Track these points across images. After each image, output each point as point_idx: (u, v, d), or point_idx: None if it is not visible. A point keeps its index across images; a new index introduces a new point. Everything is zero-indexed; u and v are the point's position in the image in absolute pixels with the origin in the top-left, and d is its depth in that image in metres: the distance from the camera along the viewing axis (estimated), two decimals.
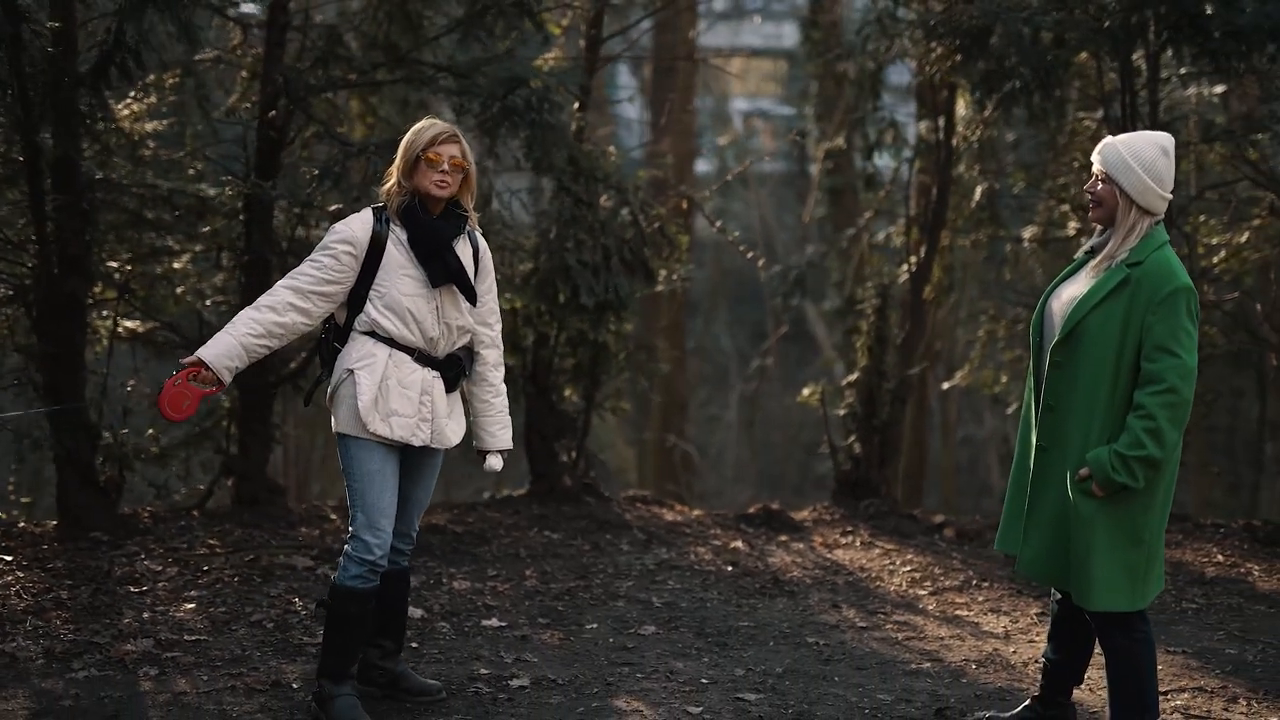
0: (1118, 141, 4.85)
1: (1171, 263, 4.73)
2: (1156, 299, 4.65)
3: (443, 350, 5.32)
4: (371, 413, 5.16)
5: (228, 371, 5.10)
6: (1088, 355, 4.76)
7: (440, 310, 5.26)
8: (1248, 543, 8.96)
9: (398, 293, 5.19)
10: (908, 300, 10.50)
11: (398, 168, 5.26)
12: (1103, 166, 4.84)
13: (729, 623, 6.99)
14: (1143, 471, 4.64)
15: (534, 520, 8.89)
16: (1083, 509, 4.77)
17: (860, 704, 5.73)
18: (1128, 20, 8.23)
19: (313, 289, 5.20)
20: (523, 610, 7.08)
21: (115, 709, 5.39)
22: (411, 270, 5.22)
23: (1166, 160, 4.79)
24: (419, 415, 5.24)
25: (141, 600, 6.84)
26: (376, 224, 5.23)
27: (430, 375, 5.27)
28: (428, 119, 5.41)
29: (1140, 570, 4.77)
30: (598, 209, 8.17)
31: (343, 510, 9.04)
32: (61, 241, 7.83)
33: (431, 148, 5.19)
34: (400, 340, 5.22)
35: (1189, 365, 4.63)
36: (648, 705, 5.64)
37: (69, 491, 8.06)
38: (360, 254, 5.20)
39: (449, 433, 5.36)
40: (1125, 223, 4.80)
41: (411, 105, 10.28)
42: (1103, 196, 4.85)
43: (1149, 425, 4.61)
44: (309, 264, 5.24)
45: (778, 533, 9.22)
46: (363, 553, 5.24)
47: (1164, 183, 4.78)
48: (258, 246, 8.28)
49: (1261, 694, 5.97)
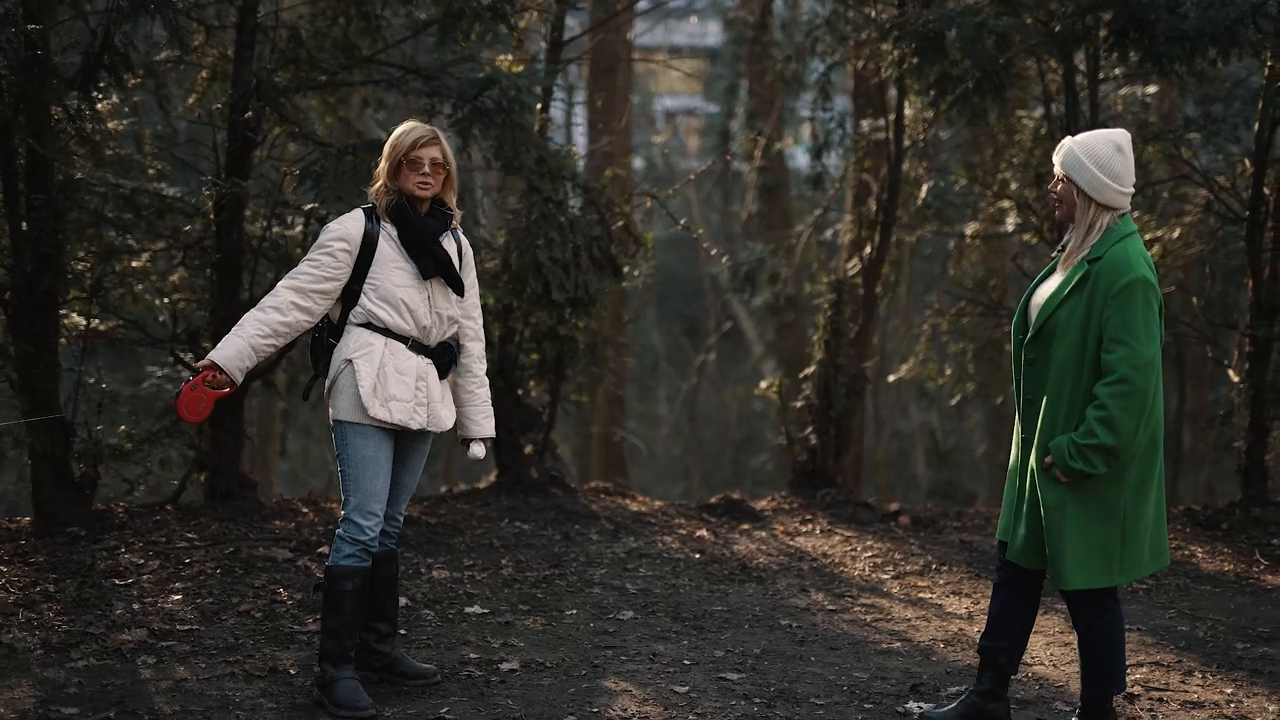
0: (1074, 142, 5.03)
1: (1130, 255, 4.88)
2: (1113, 291, 4.82)
3: (435, 339, 5.59)
4: (372, 398, 5.41)
5: (239, 372, 5.39)
6: (1056, 350, 4.95)
7: (431, 300, 5.54)
8: (1189, 526, 9.34)
9: (391, 284, 5.45)
10: (858, 295, 10.78)
11: (384, 169, 5.53)
12: (1061, 167, 5.03)
13: (703, 607, 7.23)
14: (1099, 459, 4.83)
15: (504, 511, 9.09)
16: (1050, 495, 4.98)
17: (838, 682, 5.98)
18: (1075, 25, 8.55)
19: (313, 287, 5.44)
20: (503, 598, 7.28)
21: (120, 696, 5.53)
22: (403, 264, 5.49)
23: (1122, 157, 4.96)
24: (415, 400, 5.50)
25: (128, 592, 6.97)
26: (368, 222, 5.51)
27: (424, 362, 5.54)
28: (409, 123, 5.64)
29: (1115, 548, 4.96)
30: (566, 207, 8.38)
31: (312, 504, 9.20)
32: (35, 241, 7.92)
33: (413, 151, 5.47)
34: (395, 329, 5.48)
35: (1144, 355, 4.78)
36: (635, 685, 5.86)
37: (44, 487, 8.14)
38: (354, 250, 5.47)
39: (443, 417, 5.64)
40: (1085, 219, 5.00)
41: (371, 105, 10.41)
42: (1063, 195, 5.05)
43: (1102, 415, 4.80)
44: (307, 264, 5.48)
45: (740, 521, 9.49)
46: (355, 534, 5.45)
47: (1120, 179, 4.96)
48: (231, 246, 8.39)
49: (1214, 667, 6.29)
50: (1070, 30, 8.51)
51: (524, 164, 8.09)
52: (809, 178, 12.29)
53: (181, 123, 10.94)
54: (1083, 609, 5.11)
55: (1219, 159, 11.49)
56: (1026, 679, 6.06)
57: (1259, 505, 9.52)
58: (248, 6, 8.49)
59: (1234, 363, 10.57)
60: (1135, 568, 5.04)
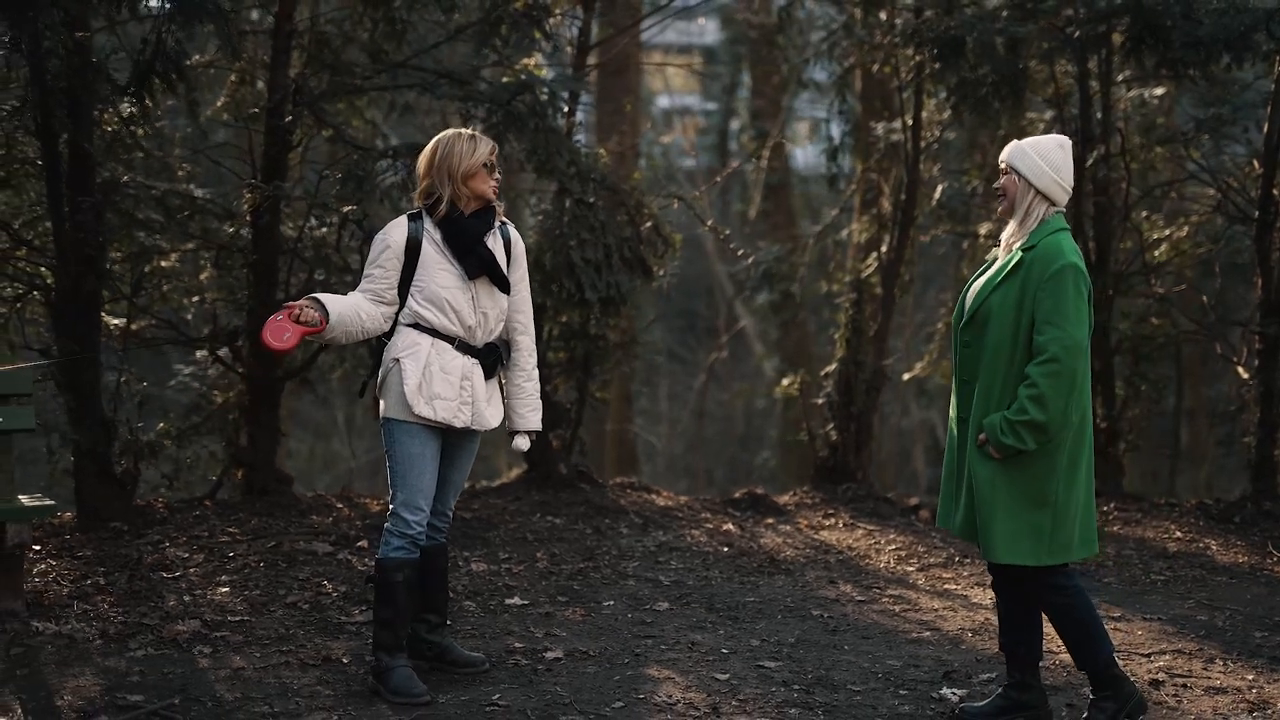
0: (1021, 140, 5.31)
1: (1062, 245, 5.11)
2: (1045, 277, 5.03)
3: (481, 339, 5.76)
4: (417, 396, 5.59)
5: (336, 315, 5.52)
6: (990, 333, 5.15)
7: (476, 300, 5.70)
8: (1202, 520, 9.55)
9: (436, 286, 5.64)
10: (875, 294, 11.00)
11: (442, 175, 5.67)
12: (1006, 158, 5.28)
13: (736, 598, 7.44)
14: (1030, 435, 5.02)
15: (535, 506, 9.30)
16: (982, 471, 5.17)
17: (873, 669, 6.19)
18: (1093, 31, 8.77)
19: (374, 297, 5.70)
20: (541, 589, 7.48)
21: (182, 684, 5.72)
22: (447, 265, 5.66)
23: (1063, 153, 5.21)
24: (460, 399, 5.67)
25: (177, 585, 7.17)
26: (411, 226, 5.70)
27: (470, 362, 5.71)
28: (455, 130, 5.81)
29: (1045, 530, 5.14)
30: (598, 209, 8.58)
31: (346, 500, 9.40)
32: (79, 242, 8.11)
33: (491, 157, 5.70)
34: (441, 330, 5.66)
35: (1074, 337, 4.99)
36: (678, 673, 6.06)
37: (87, 483, 8.34)
38: (401, 256, 5.67)
39: (488, 416, 5.80)
40: (1023, 205, 5.20)
41: (397, 109, 10.60)
42: (1006, 187, 5.27)
43: (1033, 393, 5.00)
44: (366, 279, 5.73)
45: (764, 516, 9.70)
46: (402, 528, 5.65)
47: (1061, 172, 5.19)
48: (268, 247, 8.60)
49: (1235, 655, 6.50)
50: (1089, 36, 8.72)
51: (557, 167, 8.30)
52: (827, 177, 12.48)
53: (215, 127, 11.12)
54: (1040, 593, 5.27)
55: (1225, 160, 11.71)
56: (1054, 666, 6.25)
57: (1269, 499, 9.74)
58: (284, 12, 8.68)
59: (1243, 360, 10.79)
60: (1065, 551, 5.19)
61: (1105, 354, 10.48)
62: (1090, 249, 10.46)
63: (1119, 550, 8.74)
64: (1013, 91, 8.99)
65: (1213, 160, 11.56)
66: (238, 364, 9.10)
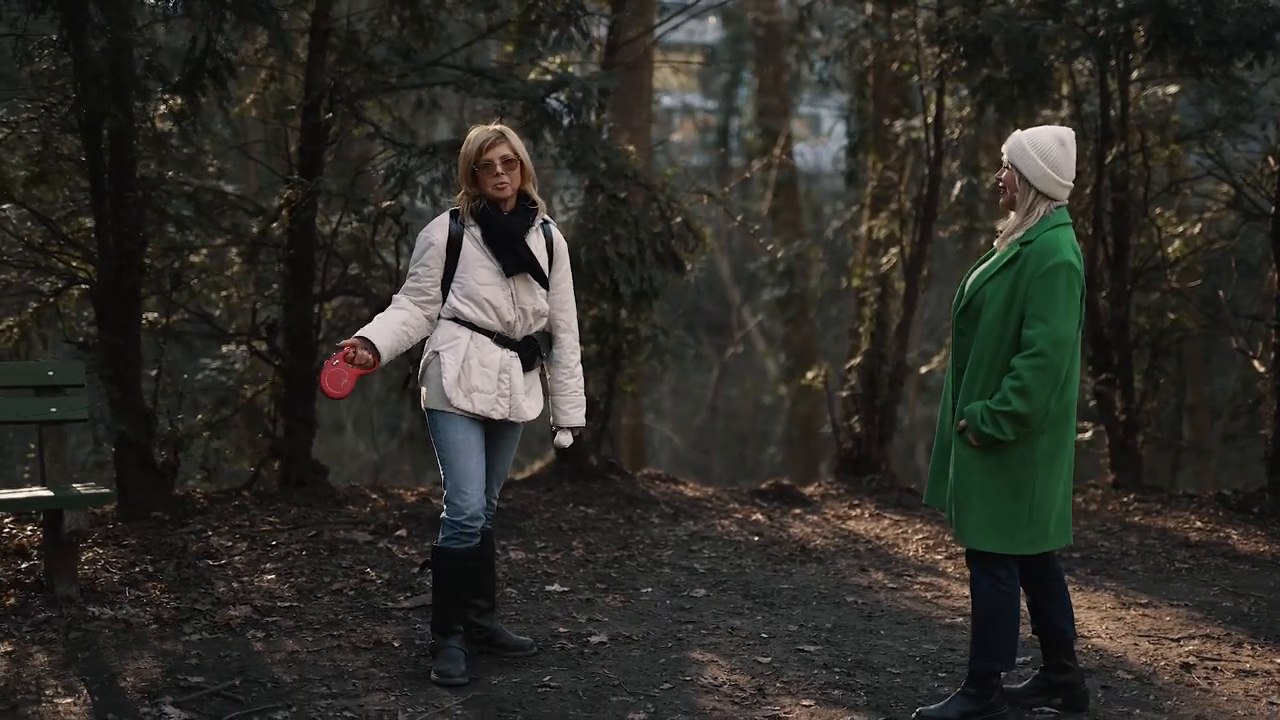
0: (1021, 134, 5.35)
1: (1059, 241, 5.18)
2: (1039, 272, 5.12)
3: (520, 333, 5.86)
4: (455, 389, 5.74)
5: (386, 350, 5.69)
6: (982, 322, 5.23)
7: (515, 297, 5.80)
8: (1221, 510, 9.74)
9: (475, 283, 5.76)
10: (896, 289, 11.16)
11: (462, 176, 5.81)
12: (1007, 155, 5.36)
13: (770, 585, 7.60)
14: (1009, 426, 5.12)
15: (567, 496, 9.46)
16: (962, 455, 5.29)
17: (910, 653, 6.35)
18: (1115, 30, 8.93)
19: (419, 294, 5.85)
20: (579, 577, 7.64)
21: (240, 666, 5.88)
22: (487, 263, 5.77)
23: (1063, 150, 5.25)
24: (498, 391, 5.80)
25: (224, 572, 7.33)
26: (453, 225, 5.82)
27: (508, 355, 5.81)
28: (477, 128, 5.86)
29: (1021, 520, 5.24)
30: (631, 205, 8.74)
31: (380, 490, 9.57)
32: (122, 237, 8.26)
33: (482, 156, 5.69)
34: (480, 324, 5.79)
35: (1062, 332, 5.10)
36: (720, 656, 6.22)
37: (128, 474, 8.49)
38: (443, 254, 5.81)
39: (525, 408, 5.91)
40: (1024, 205, 5.27)
41: (425, 105, 10.74)
42: (1008, 182, 5.35)
43: (1016, 385, 5.10)
44: (411, 278, 5.87)
45: (791, 506, 9.87)
46: (454, 514, 5.80)
47: (1061, 170, 5.25)
48: (305, 242, 8.76)
49: (1262, 639, 6.66)
50: (1112, 34, 8.89)
51: (591, 163, 8.45)
52: (845, 174, 12.65)
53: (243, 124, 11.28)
54: (978, 575, 5.38)
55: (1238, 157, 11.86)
56: (1087, 650, 6.41)
57: None
58: (320, 11, 8.83)
59: (1259, 354, 10.96)
60: (1041, 541, 5.31)
61: (1124, 348, 10.64)
62: (1109, 244, 10.63)
63: (1142, 540, 8.90)
64: (1039, 89, 9.16)
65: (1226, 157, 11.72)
66: (275, 357, 9.25)
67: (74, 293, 8.94)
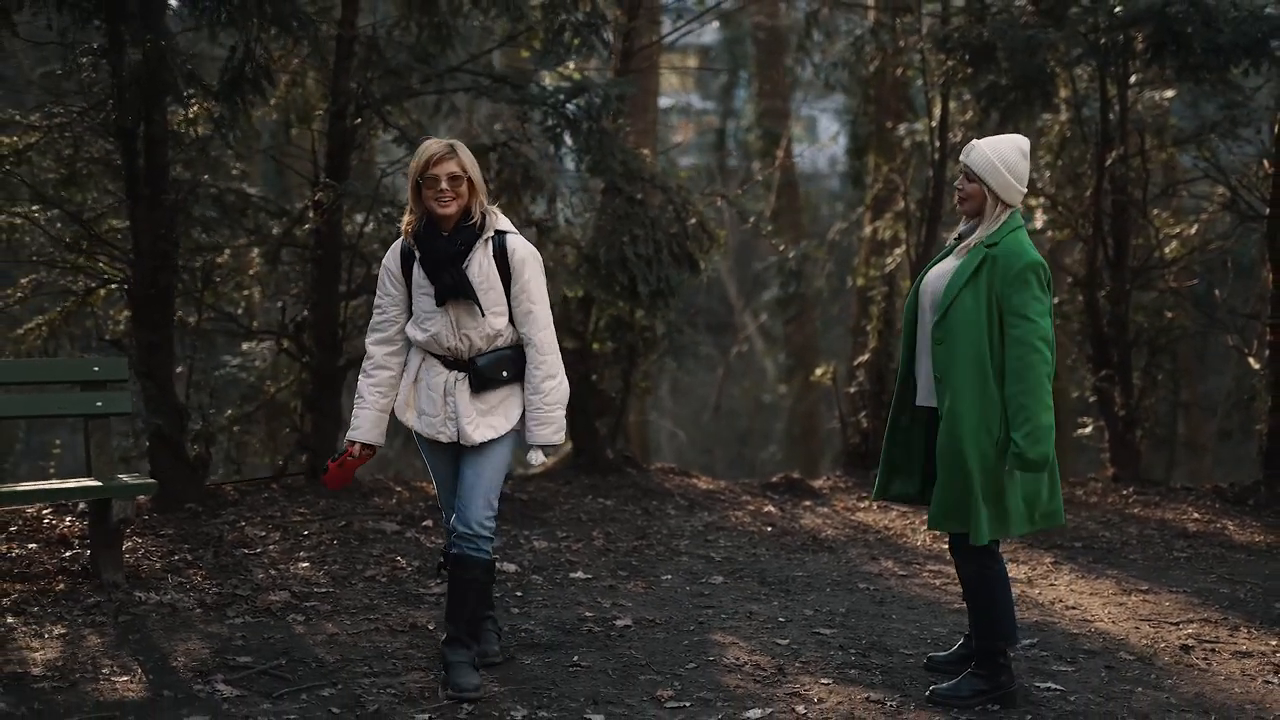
0: (984, 145, 5.52)
1: (1022, 242, 5.42)
2: (1010, 274, 5.35)
3: (470, 355, 5.64)
4: (406, 411, 5.79)
5: (380, 438, 5.81)
6: (963, 329, 5.43)
7: (455, 323, 5.58)
8: (1218, 502, 10.06)
9: (420, 309, 5.64)
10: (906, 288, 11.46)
11: (410, 190, 5.57)
12: (971, 166, 5.52)
13: (785, 573, 7.91)
14: (1044, 431, 5.27)
15: (585, 489, 9.78)
16: (966, 464, 5.38)
17: (921, 636, 6.65)
18: (1117, 37, 9.25)
19: (382, 323, 5.78)
20: (601, 565, 7.94)
21: (284, 648, 6.16)
22: (427, 288, 5.58)
23: (1024, 161, 5.50)
24: (444, 414, 5.66)
25: (260, 560, 7.62)
26: (404, 247, 5.65)
27: (454, 378, 5.64)
28: (428, 140, 5.65)
29: (1038, 499, 5.54)
30: (648, 206, 9.05)
31: (404, 483, 9.88)
32: (156, 238, 8.56)
33: (428, 170, 5.45)
34: (429, 349, 5.69)
35: (1043, 328, 5.35)
36: (741, 639, 6.51)
37: (162, 466, 8.78)
38: (399, 277, 5.70)
39: (472, 432, 5.63)
40: (991, 214, 5.48)
41: (444, 110, 11.03)
42: (970, 193, 5.52)
43: (1026, 401, 5.29)
44: (375, 310, 5.80)
45: (801, 498, 10.19)
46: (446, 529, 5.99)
47: (1022, 180, 5.49)
48: (332, 243, 9.05)
49: (1258, 622, 6.96)
50: (1113, 42, 9.20)
51: (610, 166, 8.75)
52: (851, 176, 12.94)
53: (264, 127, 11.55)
54: (963, 563, 5.66)
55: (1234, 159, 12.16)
56: (1090, 633, 6.71)
57: None
58: (347, 19, 9.12)
59: (1254, 351, 11.27)
60: (1054, 517, 5.65)
61: (1123, 346, 10.95)
62: (1108, 245, 10.94)
63: (1141, 530, 9.21)
64: (1040, 94, 9.48)
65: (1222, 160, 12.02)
66: (303, 354, 9.55)
67: (101, 292, 9.21)
